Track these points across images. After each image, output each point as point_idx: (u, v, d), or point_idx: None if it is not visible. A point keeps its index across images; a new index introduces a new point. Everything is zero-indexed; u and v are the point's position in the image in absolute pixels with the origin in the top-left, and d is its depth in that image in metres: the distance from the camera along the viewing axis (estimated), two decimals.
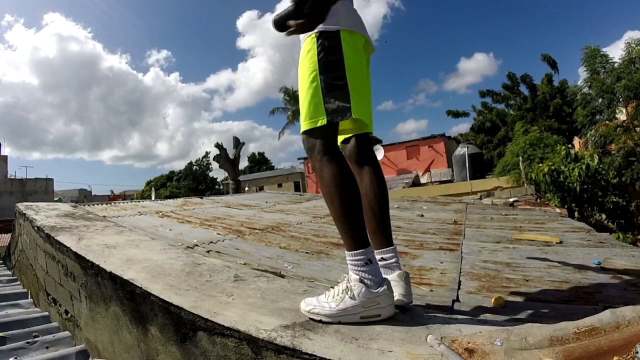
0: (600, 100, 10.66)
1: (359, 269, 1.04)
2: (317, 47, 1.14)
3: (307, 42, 1.17)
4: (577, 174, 6.16)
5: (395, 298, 1.09)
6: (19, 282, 2.80)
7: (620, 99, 10.13)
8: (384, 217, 1.27)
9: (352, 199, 1.08)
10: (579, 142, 13.64)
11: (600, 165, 6.89)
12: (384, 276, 1.09)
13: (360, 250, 1.05)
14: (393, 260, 1.22)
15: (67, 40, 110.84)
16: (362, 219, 1.11)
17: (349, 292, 1.02)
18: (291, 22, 1.08)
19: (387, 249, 1.24)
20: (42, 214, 2.52)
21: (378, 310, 1.01)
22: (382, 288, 1.03)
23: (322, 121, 1.11)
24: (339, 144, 1.28)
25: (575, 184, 6.15)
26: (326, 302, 1.02)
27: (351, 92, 1.12)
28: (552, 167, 6.46)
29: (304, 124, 1.15)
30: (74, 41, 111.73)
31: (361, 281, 1.03)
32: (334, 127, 1.15)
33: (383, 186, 1.28)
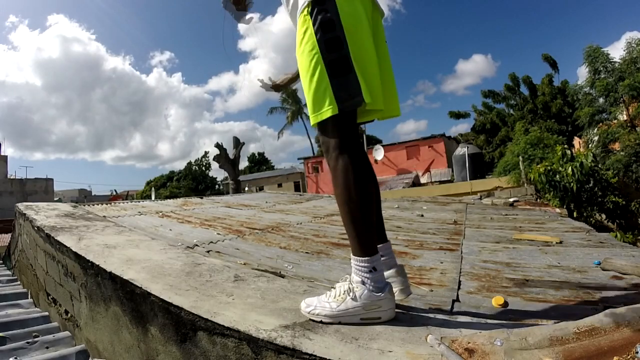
0: (601, 99, 10.68)
1: (363, 274, 1.02)
2: (313, 25, 0.99)
3: (301, 20, 1.02)
4: (570, 172, 6.14)
5: (394, 292, 1.08)
6: (19, 282, 2.80)
7: (623, 99, 10.14)
8: (377, 213, 1.23)
9: (367, 204, 1.01)
10: (579, 142, 13.64)
11: (600, 166, 6.87)
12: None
13: (367, 258, 1.01)
14: (387, 257, 1.22)
15: (71, 41, 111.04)
16: (373, 224, 1.05)
17: (350, 293, 1.01)
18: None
19: (381, 245, 1.22)
20: (42, 214, 2.52)
21: (379, 313, 1.01)
22: (385, 292, 1.01)
23: (334, 110, 0.97)
24: None
25: (571, 183, 6.13)
26: (327, 303, 1.02)
27: (360, 74, 0.97)
28: (549, 168, 6.45)
29: (313, 117, 1.02)
30: (77, 42, 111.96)
31: (363, 283, 1.01)
32: (351, 117, 1.02)
33: (375, 182, 1.27)
